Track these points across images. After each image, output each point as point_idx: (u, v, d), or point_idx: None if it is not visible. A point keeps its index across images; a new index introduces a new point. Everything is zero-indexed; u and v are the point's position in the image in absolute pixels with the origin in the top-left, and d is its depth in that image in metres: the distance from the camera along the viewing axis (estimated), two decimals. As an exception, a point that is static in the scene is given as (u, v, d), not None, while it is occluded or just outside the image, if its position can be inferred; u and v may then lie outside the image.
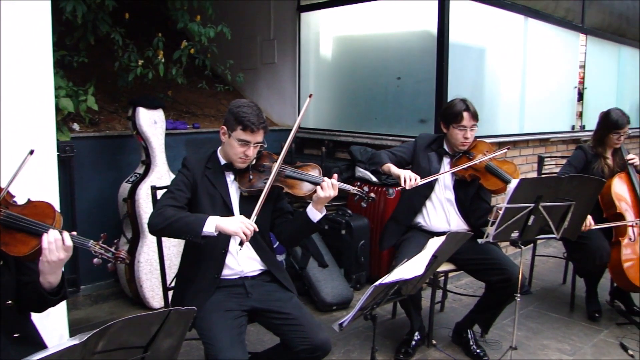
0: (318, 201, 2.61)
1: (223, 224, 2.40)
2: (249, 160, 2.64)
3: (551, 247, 6.11)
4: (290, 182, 2.67)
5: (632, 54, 7.94)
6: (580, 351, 3.70)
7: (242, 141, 2.57)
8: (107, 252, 1.97)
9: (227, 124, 2.62)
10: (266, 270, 2.75)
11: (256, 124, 2.55)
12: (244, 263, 2.69)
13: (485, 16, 5.14)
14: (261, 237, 2.73)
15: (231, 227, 2.39)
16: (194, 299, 2.54)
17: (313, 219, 2.63)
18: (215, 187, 2.65)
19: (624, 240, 3.94)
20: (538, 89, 5.97)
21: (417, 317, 3.60)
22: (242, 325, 2.56)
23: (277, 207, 2.80)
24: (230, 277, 2.67)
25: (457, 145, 3.47)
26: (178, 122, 5.05)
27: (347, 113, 5.58)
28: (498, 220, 2.87)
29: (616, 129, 4.06)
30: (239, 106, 2.60)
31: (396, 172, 3.34)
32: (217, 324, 2.46)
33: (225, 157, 2.70)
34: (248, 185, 2.64)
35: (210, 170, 2.68)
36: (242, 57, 6.04)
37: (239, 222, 2.40)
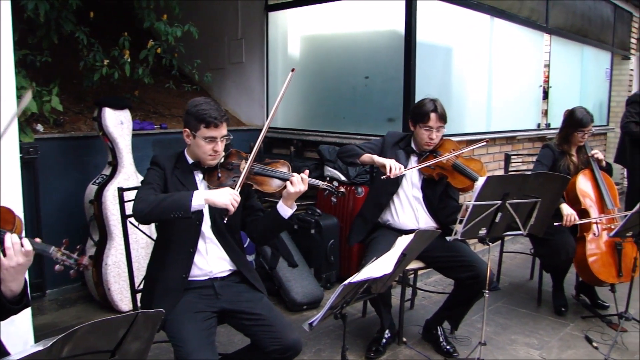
0: (288, 197, 2.60)
1: (212, 197, 2.41)
2: (219, 156, 2.63)
3: (519, 243, 6.19)
4: (259, 179, 2.65)
5: (594, 53, 8.11)
6: (548, 345, 3.76)
7: (209, 138, 2.56)
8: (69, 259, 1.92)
9: (188, 126, 2.60)
10: (235, 270, 2.74)
11: (218, 118, 2.56)
12: (213, 263, 2.67)
13: (452, 16, 5.19)
14: (231, 237, 2.71)
15: (221, 199, 2.40)
16: (163, 301, 2.52)
17: (284, 215, 2.62)
18: (184, 186, 2.63)
19: (588, 236, 4.01)
20: (504, 87, 6.05)
21: (387, 315, 3.61)
22: (211, 327, 2.54)
23: (247, 205, 2.79)
24: (199, 279, 2.65)
25: (422, 144, 3.49)
26: (145, 123, 4.99)
27: (316, 112, 5.58)
28: (466, 218, 2.89)
29: (581, 127, 4.13)
30: (196, 105, 2.58)
31: (381, 160, 3.32)
32: (187, 326, 2.44)
33: (193, 157, 2.68)
34: (217, 184, 2.63)
35: (178, 169, 2.66)
36: (209, 56, 6.00)
37: (228, 193, 2.41)
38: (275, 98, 5.79)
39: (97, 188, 4.12)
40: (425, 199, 3.55)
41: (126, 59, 4.36)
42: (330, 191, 2.70)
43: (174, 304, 2.53)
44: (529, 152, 6.19)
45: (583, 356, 3.61)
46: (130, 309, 3.96)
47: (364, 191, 4.61)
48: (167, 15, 4.53)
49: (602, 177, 4.20)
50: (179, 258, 2.61)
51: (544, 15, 6.53)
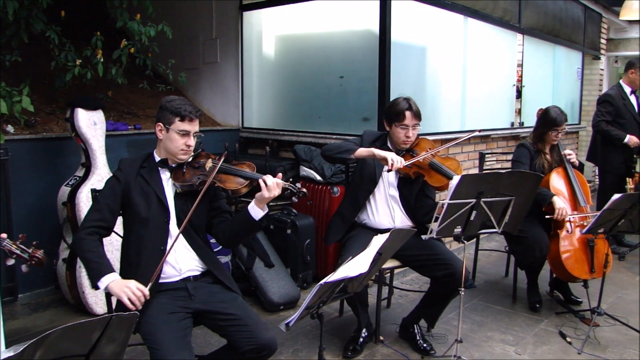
0: (261, 200, 2.60)
1: (113, 287, 2.42)
2: (190, 152, 2.66)
3: (493, 241, 6.25)
4: (222, 177, 2.66)
5: (565, 53, 8.22)
6: (523, 341, 3.80)
7: (183, 131, 2.61)
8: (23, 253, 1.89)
9: (162, 120, 2.64)
10: (206, 270, 2.73)
11: (193, 112, 2.63)
12: (182, 261, 2.66)
13: (426, 15, 5.22)
14: (197, 235, 2.71)
15: (118, 291, 2.40)
16: None
17: (255, 217, 2.61)
18: (149, 185, 2.64)
19: (562, 233, 4.06)
20: (478, 86, 6.11)
21: (364, 314, 3.62)
22: (187, 328, 2.52)
23: (214, 206, 2.79)
24: (172, 280, 2.64)
25: (399, 143, 3.50)
26: (119, 123, 4.94)
27: (291, 112, 5.57)
28: (441, 217, 2.91)
29: (555, 126, 4.18)
30: (171, 100, 2.65)
31: (382, 154, 3.31)
32: (162, 328, 2.42)
33: (162, 155, 2.70)
34: (182, 180, 2.64)
35: (145, 169, 2.68)
36: (184, 56, 5.96)
37: (125, 287, 2.40)
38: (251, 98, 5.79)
39: (70, 190, 4.06)
40: (402, 197, 3.57)
41: (99, 59, 4.31)
42: (292, 191, 2.68)
43: (149, 304, 2.50)
44: (503, 151, 6.25)
45: (557, 351, 3.66)
46: (105, 311, 3.91)
47: (339, 191, 4.61)
48: (141, 15, 4.48)
49: (574, 175, 4.26)
50: (149, 258, 2.59)
51: (517, 15, 6.60)
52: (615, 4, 8.87)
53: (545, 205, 4.05)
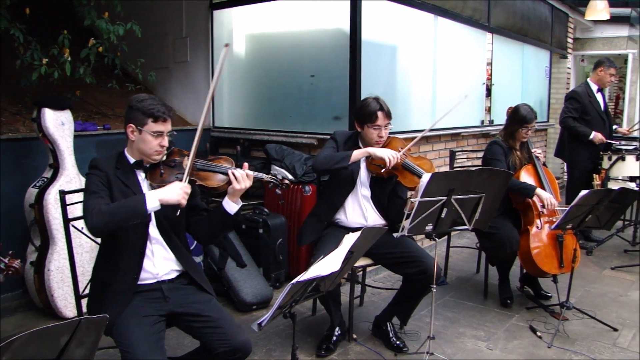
0: (234, 193, 2.59)
1: (164, 195, 2.39)
2: (164, 152, 2.61)
3: (465, 238, 6.31)
4: (202, 174, 2.63)
5: (534, 52, 8.33)
6: (494, 336, 3.84)
7: (157, 132, 2.54)
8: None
9: (133, 121, 2.55)
10: (183, 272, 2.70)
11: (166, 113, 2.57)
12: (159, 264, 2.62)
13: (397, 15, 5.24)
14: (176, 237, 2.68)
15: (173, 195, 2.39)
16: (113, 305, 2.47)
17: (230, 212, 2.61)
18: (128, 187, 2.58)
19: (532, 229, 4.12)
20: (449, 85, 6.15)
21: (337, 312, 3.62)
22: (160, 331, 2.50)
23: (192, 204, 2.74)
24: (147, 282, 2.60)
25: (372, 143, 3.50)
26: (87, 124, 4.86)
27: (262, 111, 5.55)
28: (412, 215, 2.93)
29: (525, 124, 4.24)
30: (142, 100, 2.56)
31: (379, 153, 3.32)
32: (135, 331, 2.39)
33: (135, 156, 2.63)
34: (159, 181, 2.59)
35: (120, 170, 2.60)
36: (153, 55, 5.89)
37: (178, 189, 2.41)
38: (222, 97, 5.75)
39: (38, 191, 3.99)
40: (374, 197, 3.57)
41: (66, 58, 4.23)
42: (275, 183, 2.71)
43: (124, 307, 2.48)
44: (474, 149, 6.32)
45: (528, 345, 3.70)
46: (75, 315, 3.85)
47: (311, 189, 4.61)
48: (109, 13, 4.42)
49: (544, 171, 4.32)
50: (129, 260, 2.55)
51: (486, 14, 6.67)
52: (581, 4, 9.03)
53: (530, 198, 4.10)
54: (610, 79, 6.06)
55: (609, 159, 5.90)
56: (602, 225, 3.94)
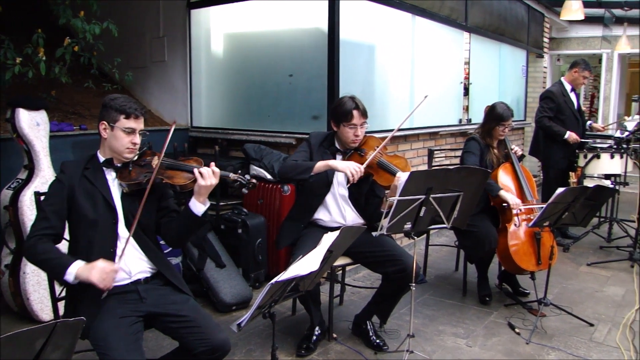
0: (199, 192, 2.56)
1: (83, 274, 2.37)
2: (136, 150, 2.62)
3: (444, 236, 6.35)
4: (170, 172, 2.62)
5: (511, 51, 8.41)
6: (473, 333, 3.87)
7: (128, 129, 2.56)
8: None
9: (106, 118, 2.58)
10: (157, 272, 2.68)
11: (139, 110, 2.60)
12: (130, 263, 2.60)
13: (375, 14, 5.25)
14: (147, 237, 2.66)
15: (93, 277, 2.36)
16: (87, 306, 2.45)
17: (197, 213, 2.58)
18: (94, 186, 2.57)
19: (510, 227, 4.16)
20: (427, 84, 6.18)
21: (317, 312, 3.62)
22: (138, 332, 2.47)
23: (162, 205, 2.74)
24: (122, 283, 2.57)
25: (348, 142, 3.50)
26: (63, 124, 4.81)
27: (240, 111, 5.53)
28: (391, 213, 2.93)
29: (502, 122, 4.28)
30: (114, 98, 2.60)
31: (341, 167, 3.31)
32: (112, 333, 2.37)
33: (107, 154, 2.63)
34: (128, 179, 2.59)
35: (89, 170, 2.60)
36: (130, 55, 5.84)
37: (101, 271, 2.37)
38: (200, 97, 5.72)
39: (13, 193, 3.93)
40: (351, 196, 3.58)
41: (41, 57, 4.16)
42: (241, 183, 2.66)
43: (97, 308, 2.45)
44: (452, 147, 6.36)
45: (507, 342, 3.74)
46: (51, 318, 3.80)
47: (290, 189, 4.59)
48: (85, 12, 4.36)
49: (521, 170, 4.36)
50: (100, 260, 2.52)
51: (464, 14, 6.71)
52: (556, 4, 9.14)
53: (492, 196, 4.14)
54: (583, 81, 6.13)
55: (584, 157, 5.97)
56: (579, 222, 3.99)
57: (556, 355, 3.58)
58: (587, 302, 4.47)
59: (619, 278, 5.05)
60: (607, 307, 4.37)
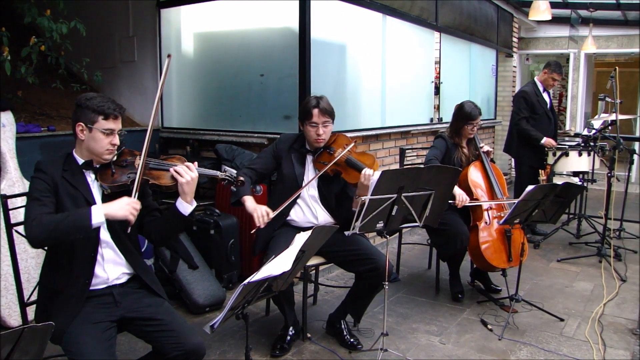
0: (184, 191, 2.55)
1: (111, 210, 2.34)
2: (115, 151, 2.55)
3: (416, 235, 6.39)
4: (155, 173, 2.59)
5: (480, 51, 8.51)
6: (447, 331, 3.89)
7: (108, 130, 2.48)
8: None
9: (83, 119, 2.48)
10: (134, 275, 2.64)
11: (117, 110, 2.51)
12: (109, 270, 2.56)
13: (345, 14, 5.26)
14: (128, 239, 2.62)
15: (120, 211, 2.35)
16: (63, 312, 2.41)
17: (184, 212, 2.57)
18: (76, 189, 2.50)
19: (480, 224, 4.20)
20: (398, 83, 6.21)
21: (291, 312, 3.61)
22: (111, 338, 2.44)
23: (144, 205, 2.68)
24: (98, 287, 2.53)
25: (311, 142, 3.49)
26: (30, 125, 4.72)
27: (212, 111, 5.49)
28: (363, 213, 2.94)
29: (470, 120, 4.32)
30: (90, 98, 2.50)
31: (250, 210, 3.35)
32: (85, 339, 2.33)
33: (85, 156, 2.54)
34: (111, 181, 2.53)
35: (67, 172, 2.51)
36: (99, 55, 5.76)
37: (125, 204, 2.36)
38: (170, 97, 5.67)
39: (-22, 196, 3.84)
40: (321, 197, 3.57)
41: (5, 57, 4.07)
42: (230, 181, 2.69)
43: (74, 314, 2.41)
44: (423, 146, 6.40)
45: (479, 338, 3.77)
46: (20, 323, 3.73)
47: (262, 189, 4.57)
48: (51, 11, 4.29)
49: (491, 168, 4.41)
50: (80, 264, 2.48)
51: (434, 14, 6.77)
52: (525, 5, 9.28)
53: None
54: (552, 82, 6.23)
55: (553, 155, 6.06)
56: (548, 219, 4.04)
57: (528, 350, 3.62)
58: (558, 297, 4.54)
59: (588, 273, 5.13)
60: (577, 302, 4.44)
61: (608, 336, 3.82)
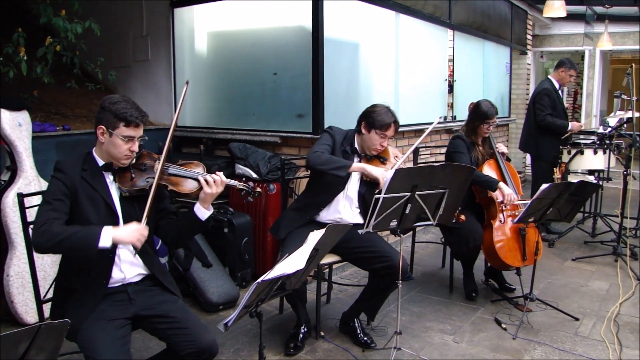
0: (205, 199, 2.56)
1: (119, 236, 2.33)
2: (133, 156, 2.55)
3: (430, 233, 6.37)
4: (174, 179, 2.59)
5: (494, 48, 8.46)
6: (460, 329, 3.88)
7: (127, 137, 2.47)
8: None
9: (105, 123, 2.47)
10: (149, 274, 2.66)
11: (139, 118, 2.49)
12: (126, 270, 2.57)
13: (358, 12, 5.25)
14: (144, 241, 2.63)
15: (128, 237, 2.34)
16: (79, 310, 2.42)
17: (201, 218, 2.58)
18: (95, 190, 2.50)
19: (495, 223, 4.17)
20: (411, 81, 6.19)
21: (304, 310, 3.62)
22: (126, 335, 2.46)
23: (160, 207, 2.71)
24: (114, 286, 2.55)
25: (371, 149, 3.55)
26: (46, 124, 4.76)
27: (225, 110, 5.51)
28: (377, 211, 2.93)
29: (486, 119, 4.30)
30: (115, 102, 2.48)
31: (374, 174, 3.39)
32: (100, 336, 2.35)
33: (104, 158, 2.55)
34: (130, 185, 2.54)
35: (87, 172, 2.52)
36: (113, 54, 5.79)
37: (134, 231, 2.35)
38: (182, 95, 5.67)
39: (-5, 195, 3.89)
40: (361, 197, 3.61)
41: (22, 57, 4.11)
42: (247, 191, 2.71)
43: (90, 311, 2.43)
44: (437, 145, 6.38)
45: (493, 337, 3.75)
46: (36, 321, 3.77)
47: (276, 188, 4.59)
48: (66, 11, 4.32)
49: (505, 166, 4.38)
50: (97, 265, 2.49)
51: (447, 11, 6.73)
52: (539, 1, 9.20)
53: (492, 191, 4.15)
54: (570, 79, 6.23)
55: (568, 153, 6.03)
56: (563, 217, 4.02)
57: (542, 349, 3.60)
58: (572, 296, 4.50)
59: (604, 272, 5.09)
60: (592, 301, 4.41)
61: (624, 336, 3.79)
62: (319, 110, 4.65)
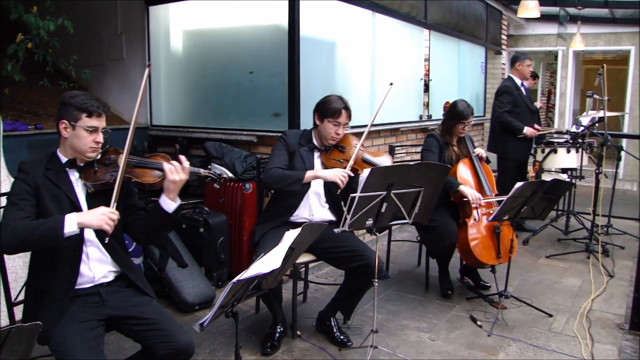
0: (169, 188, 2.52)
1: (85, 219, 2.29)
2: (99, 148, 2.53)
3: (406, 232, 6.40)
4: (138, 171, 2.56)
5: (469, 48, 8.52)
6: (436, 327, 3.91)
7: (91, 128, 2.46)
8: None
9: (67, 117, 2.46)
10: (120, 274, 2.62)
11: (101, 108, 2.50)
12: (95, 268, 2.54)
13: (335, 11, 5.25)
14: (113, 238, 2.59)
15: (94, 220, 2.29)
16: (49, 312, 2.39)
17: (168, 210, 2.53)
18: (59, 187, 2.47)
19: (469, 221, 4.21)
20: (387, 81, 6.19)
21: (280, 309, 3.61)
22: (99, 337, 2.43)
23: (128, 204, 2.67)
24: (84, 287, 2.51)
25: (327, 138, 3.56)
26: (17, 123, 4.68)
27: (200, 109, 5.47)
28: (352, 210, 2.94)
29: (462, 119, 4.33)
30: (74, 96, 2.49)
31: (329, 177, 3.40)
32: (72, 338, 2.31)
33: (69, 154, 2.53)
34: (94, 179, 2.51)
35: (50, 171, 2.49)
36: (87, 52, 5.71)
37: (100, 213, 2.30)
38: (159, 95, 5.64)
39: (-36, 195, 3.81)
40: (328, 194, 3.62)
41: (-9, 54, 4.05)
42: (213, 178, 2.68)
43: (61, 313, 2.39)
44: (412, 143, 6.41)
45: (469, 335, 3.79)
46: (7, 324, 3.70)
47: (252, 187, 4.57)
48: (38, 8, 4.24)
49: (480, 165, 4.42)
50: (64, 263, 2.46)
51: (423, 11, 6.77)
52: (513, 2, 9.31)
53: (452, 193, 4.19)
54: (529, 69, 6.34)
55: (542, 152, 6.10)
56: (537, 215, 4.07)
57: (517, 346, 3.64)
58: (546, 293, 4.56)
59: (576, 269, 5.17)
60: (565, 297, 4.47)
61: (596, 331, 3.85)
62: (295, 109, 4.64)
